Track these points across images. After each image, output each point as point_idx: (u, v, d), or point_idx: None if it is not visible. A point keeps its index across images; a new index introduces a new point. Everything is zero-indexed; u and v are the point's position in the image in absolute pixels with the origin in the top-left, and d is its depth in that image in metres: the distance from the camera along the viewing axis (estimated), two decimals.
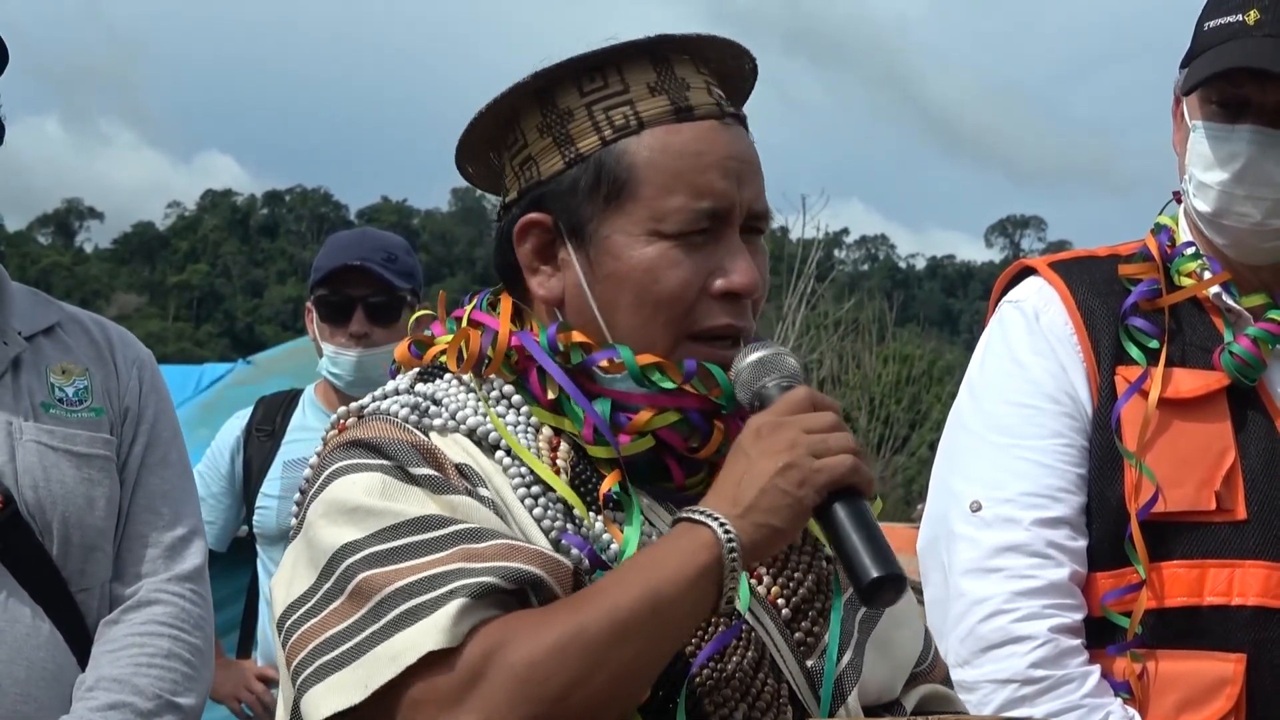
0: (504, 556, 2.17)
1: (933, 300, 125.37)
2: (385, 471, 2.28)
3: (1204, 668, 3.21)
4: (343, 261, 5.58)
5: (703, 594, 2.16)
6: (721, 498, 2.22)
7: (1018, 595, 3.20)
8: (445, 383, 2.46)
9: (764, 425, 2.25)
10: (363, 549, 2.21)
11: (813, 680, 2.39)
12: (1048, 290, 3.40)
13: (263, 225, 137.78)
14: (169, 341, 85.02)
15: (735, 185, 2.39)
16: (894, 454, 27.49)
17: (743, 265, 2.38)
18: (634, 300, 2.39)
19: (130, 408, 3.59)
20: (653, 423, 2.36)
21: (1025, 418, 3.32)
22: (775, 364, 2.34)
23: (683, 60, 2.46)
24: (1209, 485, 3.23)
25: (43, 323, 3.58)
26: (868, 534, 2.20)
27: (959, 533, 3.30)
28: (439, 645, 2.10)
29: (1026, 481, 3.27)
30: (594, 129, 2.43)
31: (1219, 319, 3.35)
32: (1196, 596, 3.22)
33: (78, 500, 3.43)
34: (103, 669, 3.39)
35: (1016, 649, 3.18)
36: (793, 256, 24.53)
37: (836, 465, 2.20)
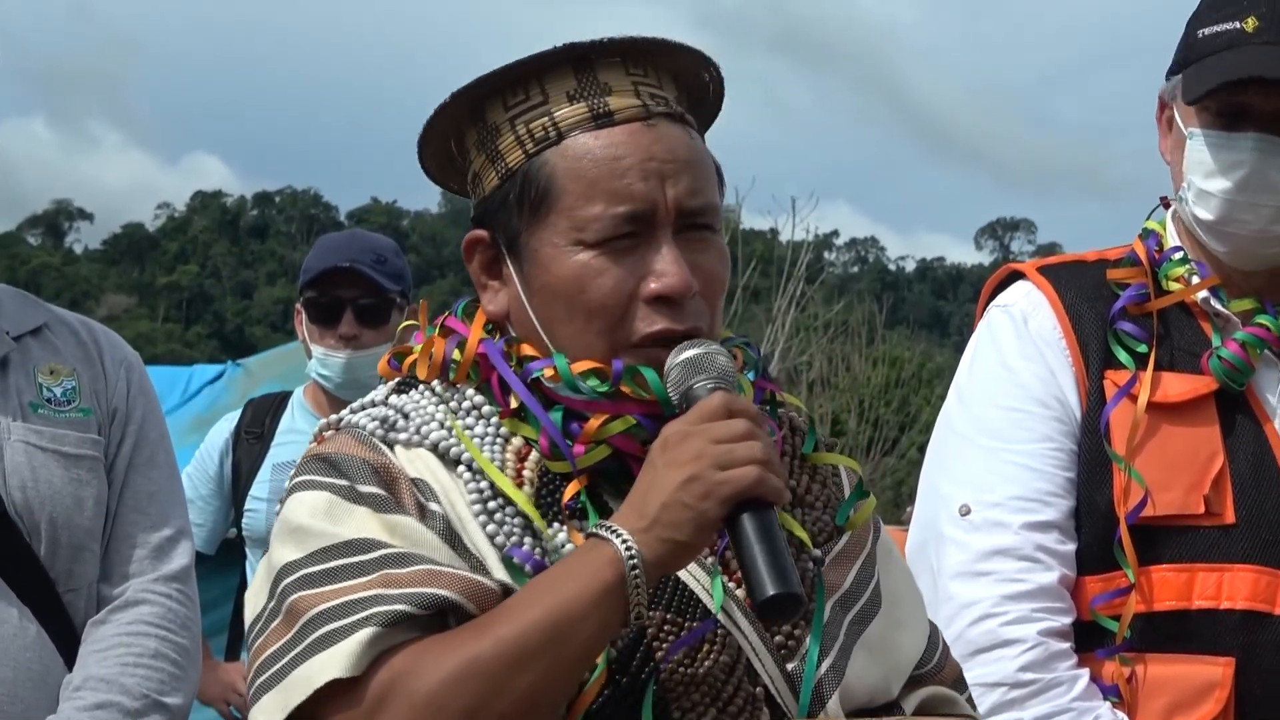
0: (422, 582, 2.21)
1: (922, 303, 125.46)
2: (334, 490, 2.33)
3: (1193, 671, 3.21)
4: (332, 263, 5.58)
5: (608, 612, 2.17)
6: (630, 511, 2.22)
7: (1006, 599, 3.20)
8: (418, 394, 2.49)
9: (672, 435, 2.23)
10: (298, 569, 2.28)
11: (794, 683, 2.39)
12: (1036, 295, 3.40)
13: (252, 226, 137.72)
14: (158, 342, 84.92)
15: (658, 186, 2.37)
16: (883, 456, 27.50)
17: (672, 267, 2.36)
18: (566, 311, 2.39)
19: (118, 408, 3.59)
20: (603, 431, 2.36)
21: (1014, 421, 3.31)
22: (705, 364, 2.31)
23: (610, 64, 2.44)
24: (1198, 489, 3.23)
25: (30, 324, 3.58)
26: (770, 549, 2.17)
27: (948, 536, 3.30)
28: (343, 673, 2.15)
29: (1015, 485, 3.27)
30: (517, 143, 2.44)
31: (1207, 324, 3.35)
32: (1185, 600, 3.22)
33: (65, 501, 3.42)
34: (90, 669, 3.39)
35: (1005, 652, 3.18)
36: (782, 259, 24.54)
37: (741, 477, 2.17)
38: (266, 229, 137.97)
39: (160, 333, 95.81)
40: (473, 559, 2.32)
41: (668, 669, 2.31)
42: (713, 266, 2.42)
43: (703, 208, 2.41)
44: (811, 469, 2.59)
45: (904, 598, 2.63)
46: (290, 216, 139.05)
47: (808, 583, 2.45)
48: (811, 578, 2.46)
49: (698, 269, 2.39)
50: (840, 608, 2.48)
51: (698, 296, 2.39)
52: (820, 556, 2.49)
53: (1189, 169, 3.32)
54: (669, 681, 2.31)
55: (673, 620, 2.34)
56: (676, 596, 2.36)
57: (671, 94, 2.47)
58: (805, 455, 2.60)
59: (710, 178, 2.45)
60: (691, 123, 2.48)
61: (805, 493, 2.56)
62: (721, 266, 2.44)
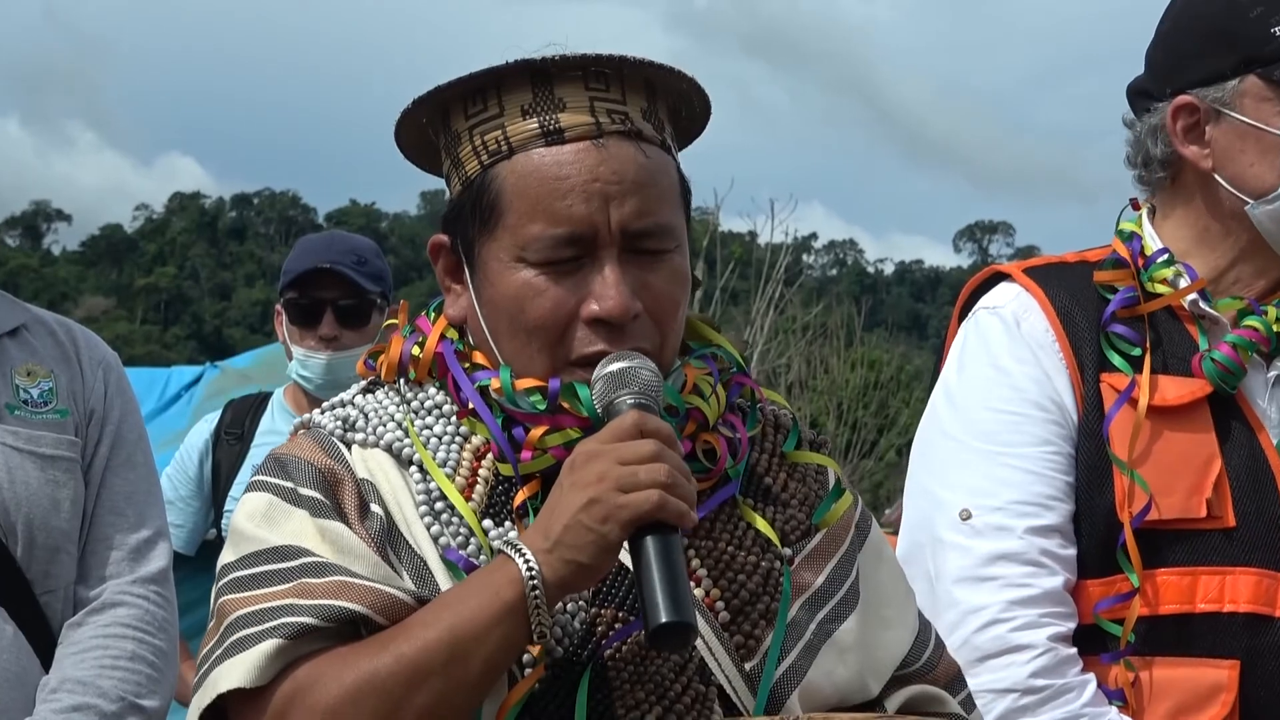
0: (333, 594, 2.25)
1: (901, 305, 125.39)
2: (277, 492, 2.40)
3: (1198, 674, 3.20)
4: (312, 264, 5.58)
5: (509, 630, 2.19)
6: (536, 530, 2.24)
7: (1014, 604, 3.18)
8: (383, 394, 2.53)
9: (579, 455, 2.25)
10: (230, 572, 2.36)
11: (753, 683, 2.38)
12: (1026, 297, 3.37)
13: (231, 228, 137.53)
14: (137, 344, 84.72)
15: (601, 207, 2.36)
16: (861, 459, 27.46)
17: (611, 290, 2.36)
18: (509, 327, 2.42)
19: (95, 409, 3.58)
20: (545, 441, 2.38)
21: (1011, 424, 3.29)
22: (629, 378, 2.32)
23: (569, 78, 2.43)
24: (1199, 492, 3.21)
25: (7, 324, 3.57)
26: (668, 575, 2.16)
27: (948, 541, 3.26)
28: (244, 683, 2.21)
29: (1016, 489, 3.24)
30: (474, 153, 2.45)
31: (1193, 326, 3.33)
32: (1188, 603, 3.20)
33: (42, 502, 3.41)
34: (66, 671, 3.38)
35: (1016, 658, 3.16)
36: (761, 261, 24.52)
37: (641, 501, 2.18)
38: (245, 231, 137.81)
39: (139, 334, 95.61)
40: (415, 560, 2.35)
41: (613, 666, 2.32)
42: (662, 287, 2.42)
43: (650, 229, 2.40)
44: (791, 467, 2.59)
45: (892, 597, 2.63)
46: (268, 218, 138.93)
47: (773, 582, 2.45)
48: (777, 576, 2.46)
49: (645, 289, 2.40)
50: (809, 607, 2.48)
51: (642, 318, 2.39)
52: (790, 555, 2.49)
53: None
54: (615, 679, 2.32)
55: (624, 618, 2.35)
56: (630, 594, 2.36)
57: (639, 107, 2.46)
58: (786, 453, 2.60)
59: (665, 197, 2.44)
60: (652, 139, 2.46)
61: (781, 490, 2.56)
62: (674, 286, 2.44)
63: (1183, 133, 3.35)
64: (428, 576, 2.32)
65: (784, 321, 26.08)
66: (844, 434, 27.23)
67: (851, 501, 2.62)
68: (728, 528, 2.46)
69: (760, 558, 2.46)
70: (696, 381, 2.49)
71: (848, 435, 27.32)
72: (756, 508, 2.50)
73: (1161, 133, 3.37)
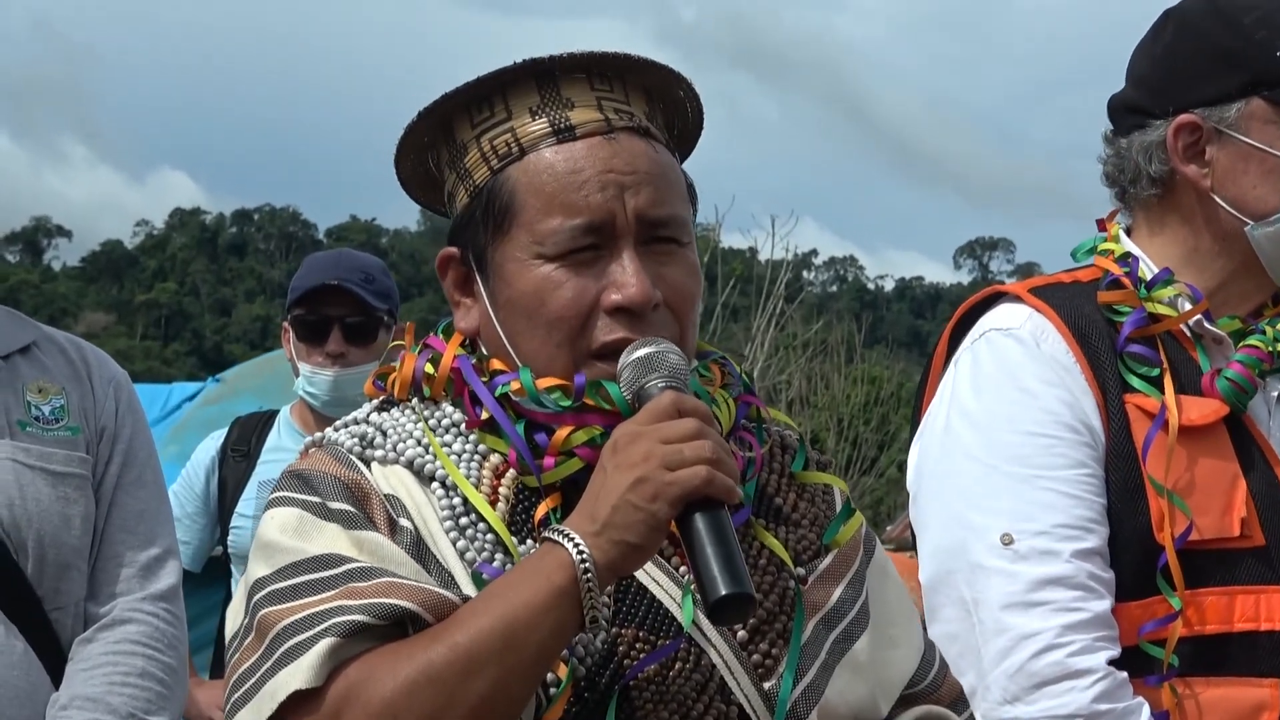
0: (382, 594, 2.23)
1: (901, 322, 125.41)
2: (305, 507, 2.37)
3: (1241, 694, 3.18)
4: (320, 281, 5.58)
5: (562, 616, 2.17)
6: (582, 515, 2.23)
7: (1068, 629, 3.13)
8: (398, 411, 2.52)
9: (621, 437, 2.24)
10: (267, 585, 2.31)
11: (770, 702, 2.38)
12: (1040, 318, 3.33)
13: (231, 244, 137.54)
14: (137, 360, 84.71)
15: (617, 197, 2.38)
16: (862, 475, 27.42)
17: (632, 278, 2.37)
18: (528, 324, 2.41)
19: (106, 427, 3.59)
20: (569, 441, 2.37)
21: (1044, 447, 3.25)
22: (656, 362, 2.32)
23: (574, 79, 2.46)
24: (1231, 511, 3.20)
25: (19, 342, 3.58)
26: (723, 549, 2.16)
27: (990, 566, 3.20)
28: (304, 685, 2.17)
29: (1058, 513, 3.20)
30: (483, 159, 2.46)
31: (1191, 346, 3.33)
32: (1227, 624, 3.18)
33: (53, 519, 3.42)
34: (76, 687, 3.39)
35: (1077, 683, 3.11)
36: (761, 277, 24.50)
37: (690, 477, 2.17)
38: (245, 246, 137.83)
39: (139, 350, 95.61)
40: (443, 574, 2.34)
41: (636, 686, 2.31)
42: (679, 279, 2.43)
43: (665, 219, 2.42)
44: (799, 487, 2.59)
45: (897, 616, 2.63)
46: (269, 234, 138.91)
47: (788, 602, 2.45)
48: (792, 596, 2.46)
49: (662, 281, 2.40)
50: (823, 626, 2.48)
51: (662, 308, 2.40)
52: (803, 575, 2.49)
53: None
54: (638, 699, 2.31)
55: (645, 637, 2.35)
56: (650, 613, 2.37)
57: (641, 109, 2.48)
58: (794, 473, 2.60)
59: (676, 191, 2.46)
60: (658, 137, 2.48)
61: (792, 510, 2.56)
62: (689, 279, 2.45)
63: (1183, 151, 3.34)
64: (457, 592, 2.30)
65: (784, 338, 26.05)
66: (845, 450, 27.22)
67: (860, 521, 2.63)
68: (741, 548, 2.46)
69: (775, 578, 2.46)
70: (714, 392, 2.50)
71: (848, 451, 27.31)
72: (769, 528, 2.50)
73: (1159, 150, 3.36)
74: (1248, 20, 3.30)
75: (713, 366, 2.55)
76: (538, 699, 2.27)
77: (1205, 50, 3.35)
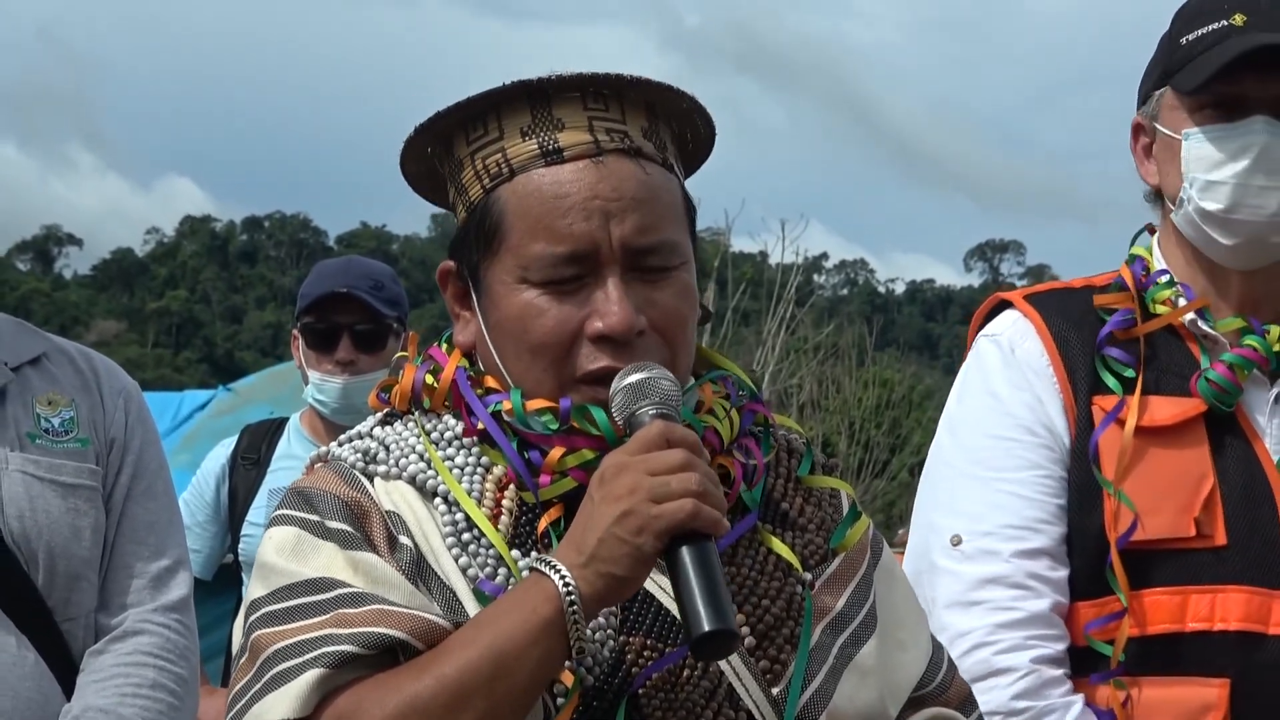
0: (372, 622, 2.24)
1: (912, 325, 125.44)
2: (304, 525, 2.37)
3: (1188, 694, 3.21)
4: (329, 289, 5.58)
5: (548, 648, 2.18)
6: (569, 546, 2.23)
7: (999, 627, 3.20)
8: (401, 425, 2.52)
9: (609, 468, 2.24)
10: (262, 607, 2.33)
11: (779, 708, 2.38)
12: (1023, 323, 3.41)
13: (241, 252, 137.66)
14: (148, 368, 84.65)
15: (602, 225, 2.36)
16: (874, 478, 27.44)
17: (614, 307, 2.35)
18: (514, 348, 2.42)
19: (116, 438, 3.59)
20: (562, 463, 2.37)
21: (1004, 450, 3.32)
22: (649, 389, 2.31)
23: (567, 99, 2.44)
24: (1188, 512, 3.23)
25: (28, 353, 3.58)
26: (707, 584, 2.16)
27: (941, 566, 3.30)
28: (288, 714, 2.19)
29: (1006, 514, 3.27)
30: (476, 178, 2.46)
31: (1195, 345, 3.35)
32: (1179, 623, 3.21)
33: (63, 530, 3.43)
34: (88, 699, 3.39)
35: (999, 681, 3.18)
36: (772, 281, 24.52)
37: (675, 511, 2.17)
38: (256, 254, 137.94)
39: (150, 358, 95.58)
40: (444, 591, 2.34)
41: (645, 694, 2.32)
42: (668, 303, 2.41)
43: (653, 246, 2.40)
44: (806, 491, 2.59)
45: (905, 619, 2.63)
46: (279, 241, 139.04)
47: (795, 606, 2.45)
48: (800, 601, 2.46)
49: (651, 306, 2.39)
50: (831, 630, 2.48)
51: (648, 334, 2.38)
52: (810, 579, 2.49)
53: (1190, 168, 3.31)
54: (647, 706, 2.31)
55: (653, 645, 2.35)
56: (657, 622, 2.36)
57: (639, 127, 2.46)
58: (800, 478, 2.60)
59: (668, 213, 2.43)
60: (653, 157, 2.45)
61: (799, 515, 2.55)
62: (680, 302, 2.43)
63: (1141, 153, 3.46)
64: (459, 608, 2.31)
65: (795, 342, 26.07)
66: (856, 454, 27.23)
67: (867, 524, 2.63)
68: (749, 553, 2.45)
69: (783, 583, 2.46)
70: (711, 404, 2.49)
71: (860, 455, 27.32)
72: (775, 533, 2.50)
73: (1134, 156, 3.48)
74: (1176, 18, 3.42)
75: (705, 388, 2.53)
76: (545, 707, 2.27)
77: (1153, 55, 3.48)
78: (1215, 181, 3.28)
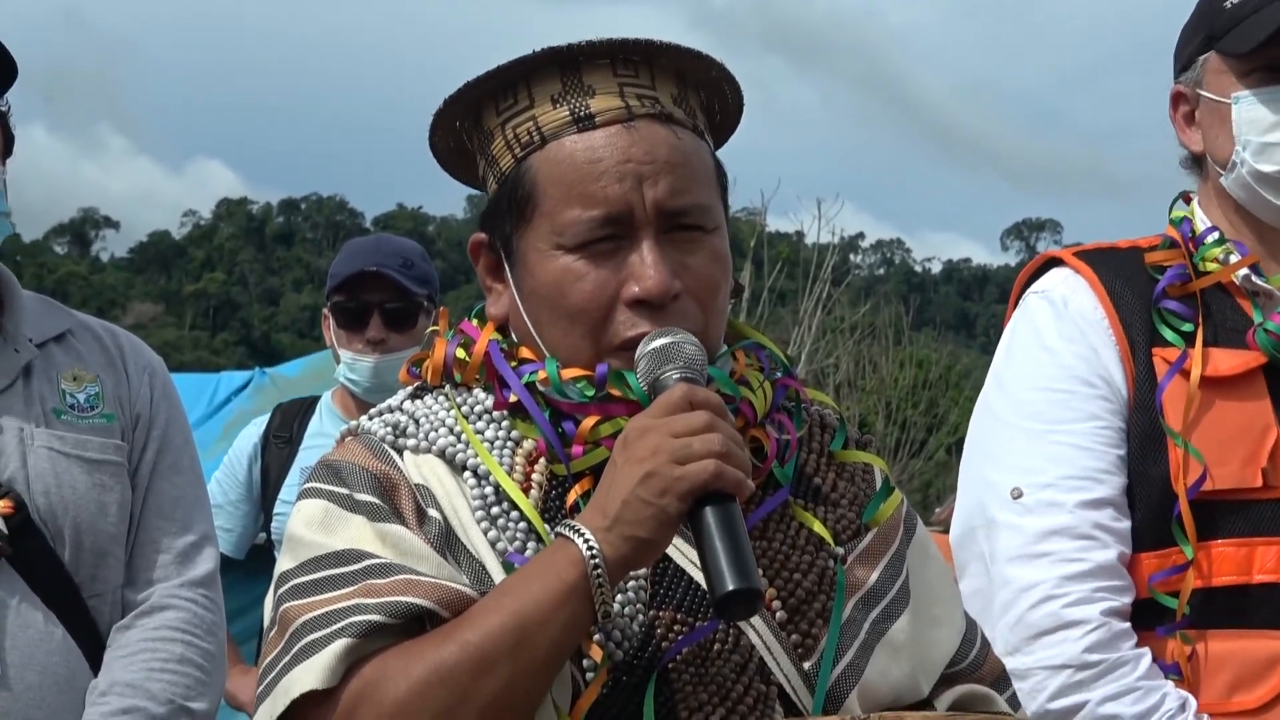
0: (399, 592, 2.23)
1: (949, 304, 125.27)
2: (332, 498, 2.37)
3: (1255, 647, 3.20)
4: (359, 268, 5.59)
5: (573, 612, 2.17)
6: (594, 510, 2.22)
7: (1067, 579, 3.19)
8: (431, 399, 2.51)
9: (631, 431, 2.23)
10: (290, 579, 2.33)
11: (810, 682, 2.37)
12: (1075, 278, 3.40)
13: (278, 234, 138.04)
14: (185, 350, 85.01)
15: (635, 187, 2.36)
16: (911, 458, 27.37)
17: (650, 270, 2.35)
18: (550, 315, 2.41)
19: (141, 414, 3.60)
20: (596, 432, 2.37)
21: (1058, 402, 3.31)
22: (673, 353, 2.31)
23: (597, 66, 2.44)
24: (1254, 462, 3.22)
25: (53, 330, 3.59)
26: (731, 544, 2.15)
27: (1001, 520, 3.28)
28: (318, 684, 2.19)
29: (1066, 465, 3.26)
30: (507, 147, 2.46)
31: (1246, 301, 3.36)
32: (1245, 575, 3.21)
33: (89, 506, 3.43)
34: (115, 674, 3.40)
35: (1069, 634, 3.17)
36: (808, 261, 24.48)
37: (699, 472, 2.16)
38: (292, 236, 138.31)
39: (187, 340, 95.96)
40: (473, 565, 2.34)
41: (675, 668, 2.31)
42: (702, 267, 2.41)
43: (686, 208, 2.40)
44: (839, 466, 2.59)
45: (939, 595, 2.62)
46: (316, 223, 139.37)
47: (827, 580, 2.44)
48: (832, 575, 2.45)
49: (685, 270, 2.39)
50: (863, 605, 2.47)
51: (684, 298, 2.38)
52: (842, 554, 2.48)
53: (1244, 131, 3.31)
54: (677, 681, 2.31)
55: (682, 619, 2.34)
56: (687, 595, 2.36)
57: (669, 94, 2.46)
58: (834, 452, 2.59)
59: (700, 177, 2.43)
60: (684, 122, 2.46)
61: (831, 490, 2.55)
62: (714, 267, 2.43)
63: (1183, 121, 3.45)
64: (487, 581, 2.31)
65: (832, 321, 26.00)
66: (893, 433, 27.17)
67: (900, 500, 2.61)
68: (780, 528, 2.45)
69: (815, 557, 2.45)
70: (745, 373, 2.49)
71: (897, 434, 27.25)
72: (808, 508, 2.49)
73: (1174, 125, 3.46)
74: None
75: (738, 354, 2.53)
76: (575, 682, 2.26)
77: (1189, 23, 3.47)
78: (1271, 144, 3.27)
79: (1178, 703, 3.16)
